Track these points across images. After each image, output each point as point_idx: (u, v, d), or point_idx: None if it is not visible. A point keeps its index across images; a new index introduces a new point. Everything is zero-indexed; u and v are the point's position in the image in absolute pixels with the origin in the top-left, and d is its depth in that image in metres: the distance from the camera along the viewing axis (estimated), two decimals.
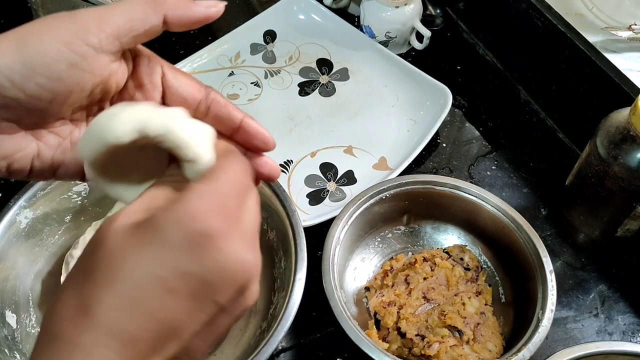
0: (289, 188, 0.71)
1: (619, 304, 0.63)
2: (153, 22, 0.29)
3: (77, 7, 0.32)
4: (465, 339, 0.56)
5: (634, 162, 0.55)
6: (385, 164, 0.73)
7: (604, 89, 0.67)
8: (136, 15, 0.29)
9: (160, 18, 0.30)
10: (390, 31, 0.83)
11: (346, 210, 0.60)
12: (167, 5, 0.30)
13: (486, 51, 0.87)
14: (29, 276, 0.57)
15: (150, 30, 0.30)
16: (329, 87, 0.82)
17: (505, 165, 0.75)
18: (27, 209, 0.56)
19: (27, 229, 0.56)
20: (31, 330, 0.55)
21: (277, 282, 0.56)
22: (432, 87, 0.78)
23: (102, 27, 0.28)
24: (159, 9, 0.29)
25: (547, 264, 0.56)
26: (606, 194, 0.59)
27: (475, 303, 0.58)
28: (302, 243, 0.54)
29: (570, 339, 0.61)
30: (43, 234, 0.58)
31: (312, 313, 0.59)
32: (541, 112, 0.80)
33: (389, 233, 0.66)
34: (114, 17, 0.29)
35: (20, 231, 0.56)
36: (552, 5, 0.73)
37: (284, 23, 0.88)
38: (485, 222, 0.62)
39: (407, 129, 0.77)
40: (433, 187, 0.63)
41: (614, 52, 0.71)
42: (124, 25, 0.29)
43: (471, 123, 0.80)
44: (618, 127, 0.56)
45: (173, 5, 0.30)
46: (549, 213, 0.70)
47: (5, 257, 0.54)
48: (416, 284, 0.59)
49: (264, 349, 0.48)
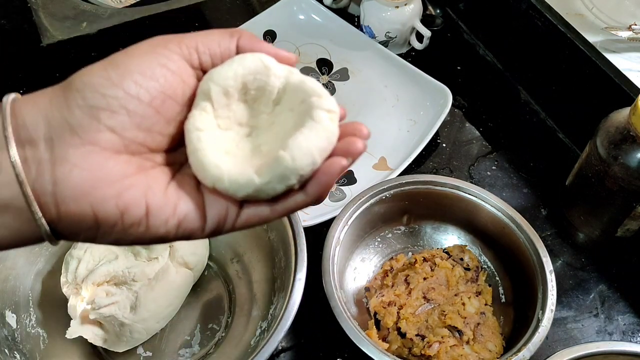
0: None
1: (619, 304, 0.63)
2: (228, 45, 0.32)
3: (77, 8, 0.32)
4: (465, 339, 0.56)
5: (634, 162, 0.55)
6: (385, 164, 0.73)
7: (604, 89, 0.67)
8: (213, 37, 0.32)
9: (234, 43, 0.32)
10: (390, 31, 0.83)
11: (346, 210, 0.60)
12: (242, 35, 0.32)
13: (486, 51, 0.87)
14: (29, 276, 0.57)
15: (224, 53, 0.32)
16: (329, 87, 0.82)
17: (505, 165, 0.75)
18: None
19: None
20: (31, 330, 0.55)
21: (277, 282, 0.56)
22: (432, 87, 0.78)
23: (181, 41, 0.31)
24: (235, 36, 0.32)
25: (547, 264, 0.56)
26: (606, 194, 0.59)
27: (475, 303, 0.58)
28: (302, 243, 0.54)
29: (571, 339, 0.61)
30: None
31: (312, 313, 0.59)
32: (541, 112, 0.80)
33: (389, 233, 0.66)
34: (192, 36, 0.31)
35: None
36: (552, 5, 0.73)
37: (284, 23, 0.88)
38: (486, 222, 0.62)
39: (407, 129, 0.77)
40: (433, 187, 0.63)
41: (614, 52, 0.71)
42: (201, 42, 0.31)
43: (471, 123, 0.80)
44: (618, 127, 0.56)
45: (247, 36, 0.32)
46: (549, 213, 0.70)
47: (5, 257, 0.55)
48: (416, 284, 0.59)
49: (264, 349, 0.48)
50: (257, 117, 0.33)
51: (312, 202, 0.31)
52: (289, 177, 0.29)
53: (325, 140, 0.30)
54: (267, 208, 0.31)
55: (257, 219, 0.31)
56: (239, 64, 0.31)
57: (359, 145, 0.30)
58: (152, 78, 0.29)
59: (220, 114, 0.32)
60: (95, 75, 0.29)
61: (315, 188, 0.30)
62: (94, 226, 0.28)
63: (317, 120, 0.30)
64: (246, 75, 0.31)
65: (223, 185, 0.30)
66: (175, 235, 0.30)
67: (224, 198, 0.30)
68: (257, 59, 0.31)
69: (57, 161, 0.27)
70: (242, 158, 0.31)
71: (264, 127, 0.33)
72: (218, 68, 0.31)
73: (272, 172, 0.29)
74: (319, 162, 0.30)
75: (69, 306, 0.56)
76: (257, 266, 0.61)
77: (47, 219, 0.28)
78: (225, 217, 0.31)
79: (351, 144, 0.30)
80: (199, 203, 0.30)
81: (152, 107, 0.29)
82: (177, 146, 0.32)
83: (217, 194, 0.30)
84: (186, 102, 0.31)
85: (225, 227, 0.31)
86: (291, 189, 0.30)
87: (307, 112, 0.31)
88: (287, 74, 0.32)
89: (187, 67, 0.31)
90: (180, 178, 0.31)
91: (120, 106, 0.28)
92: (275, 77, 0.32)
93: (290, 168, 0.29)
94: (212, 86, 0.31)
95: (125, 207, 0.28)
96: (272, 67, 0.32)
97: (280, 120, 0.32)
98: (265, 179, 0.29)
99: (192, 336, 0.59)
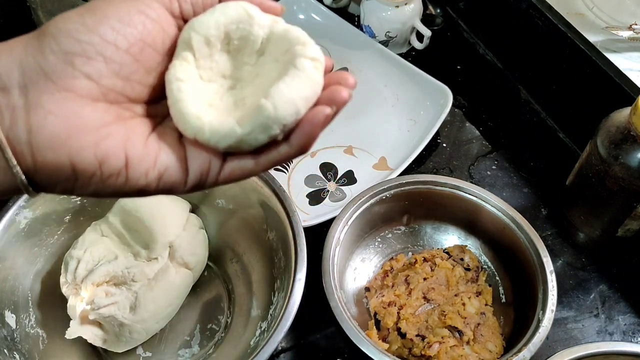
0: (289, 188, 0.71)
1: (620, 304, 0.63)
2: None
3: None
4: (465, 339, 0.56)
5: (634, 162, 0.55)
6: (385, 164, 0.73)
7: (605, 88, 0.67)
8: None
9: None
10: (390, 31, 0.83)
11: (346, 210, 0.60)
12: None
13: (486, 51, 0.87)
14: (28, 276, 0.57)
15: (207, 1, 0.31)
16: None
17: (506, 165, 0.75)
18: (26, 209, 0.56)
19: (26, 229, 0.56)
20: (30, 330, 0.55)
21: (277, 282, 0.56)
22: (433, 87, 0.78)
23: None
24: None
25: (548, 264, 0.56)
26: (607, 194, 0.59)
27: (476, 303, 0.58)
28: (302, 243, 0.53)
29: (571, 339, 0.61)
30: (42, 234, 0.58)
31: (312, 313, 0.59)
32: (541, 112, 0.80)
33: (389, 233, 0.66)
34: None
35: (19, 231, 0.56)
36: (553, 4, 0.73)
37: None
38: (486, 222, 0.62)
39: (407, 129, 0.76)
40: (433, 187, 0.62)
41: (614, 51, 0.71)
42: None
43: (471, 123, 0.79)
44: (618, 127, 0.56)
45: None
46: (549, 213, 0.70)
47: (4, 257, 0.54)
48: (416, 284, 0.59)
49: (264, 349, 0.48)
50: (241, 69, 0.32)
51: (296, 153, 0.30)
52: (272, 127, 0.29)
53: (309, 89, 0.29)
54: (251, 160, 0.30)
55: (241, 172, 0.31)
56: (221, 12, 0.31)
57: (344, 94, 0.30)
58: (130, 24, 0.28)
59: (202, 64, 0.31)
60: (71, 21, 0.28)
61: (300, 138, 0.30)
62: (72, 176, 0.28)
63: (300, 68, 0.29)
64: (228, 24, 0.31)
65: (204, 136, 0.29)
66: (157, 187, 0.30)
67: (207, 150, 0.30)
68: (240, 7, 0.31)
69: (31, 108, 0.27)
70: (225, 110, 0.31)
71: (248, 79, 0.32)
72: (200, 17, 0.30)
73: (254, 121, 0.29)
74: (303, 111, 0.29)
75: (69, 306, 0.55)
76: (256, 266, 0.60)
77: (23, 169, 0.27)
78: (208, 170, 0.30)
79: (336, 92, 0.30)
80: (181, 155, 0.30)
81: (130, 54, 0.28)
82: (160, 98, 0.31)
83: (199, 146, 0.30)
84: (167, 52, 0.30)
85: (209, 181, 0.31)
86: (274, 139, 0.30)
87: (290, 61, 0.30)
88: (272, 23, 0.32)
89: (168, 15, 0.30)
90: (162, 130, 0.30)
91: (96, 52, 0.28)
92: (259, 27, 0.31)
93: (273, 117, 0.28)
94: (194, 35, 0.30)
95: (103, 157, 0.28)
96: (255, 16, 0.31)
97: (264, 72, 0.32)
98: (247, 129, 0.29)
99: (191, 336, 0.59)
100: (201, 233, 0.62)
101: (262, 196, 0.58)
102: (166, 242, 0.57)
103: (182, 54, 0.30)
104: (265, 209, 0.58)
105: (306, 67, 0.30)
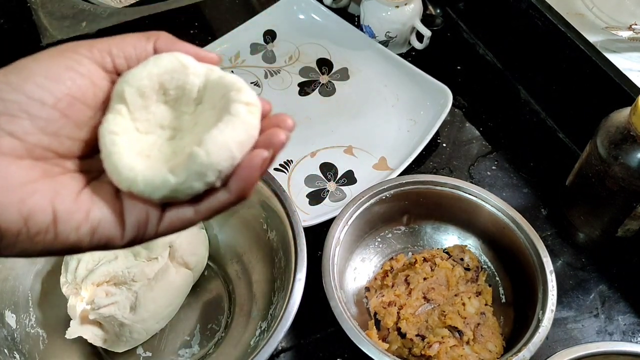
0: (289, 188, 0.71)
1: (620, 304, 0.63)
2: (144, 47, 0.31)
3: (76, 7, 0.33)
4: (465, 339, 0.56)
5: (634, 162, 0.55)
6: (385, 164, 0.73)
7: (604, 89, 0.67)
8: (129, 40, 0.31)
9: (151, 44, 0.31)
10: (390, 31, 0.83)
11: (346, 210, 0.60)
12: (160, 36, 0.32)
13: (486, 51, 0.87)
14: (28, 276, 0.57)
15: (141, 55, 0.31)
16: (329, 87, 0.82)
17: (506, 165, 0.75)
18: None
19: None
20: (31, 330, 0.55)
21: (277, 282, 0.56)
22: (432, 87, 0.78)
23: (92, 45, 0.30)
24: (152, 38, 0.32)
25: (548, 264, 0.56)
26: (606, 194, 0.59)
27: (476, 303, 0.58)
28: (302, 243, 0.53)
29: (571, 339, 0.61)
30: None
31: (312, 313, 0.59)
32: (541, 112, 0.80)
33: (389, 233, 0.66)
34: (105, 40, 0.30)
35: None
36: (553, 5, 0.73)
37: (284, 23, 0.88)
38: (486, 222, 0.62)
39: (407, 129, 0.76)
40: (433, 187, 0.62)
41: (614, 52, 0.71)
42: (115, 45, 0.30)
43: (471, 123, 0.79)
44: (618, 127, 0.56)
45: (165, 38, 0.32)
46: (549, 213, 0.70)
47: (5, 257, 0.54)
48: (416, 284, 0.59)
49: (264, 349, 0.48)
50: (180, 119, 0.32)
51: (236, 200, 0.30)
52: (206, 174, 0.28)
53: (243, 133, 0.29)
54: (191, 209, 0.30)
55: (180, 223, 0.30)
56: (154, 64, 0.30)
57: (281, 137, 0.30)
58: (57, 80, 0.28)
59: (138, 116, 0.31)
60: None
61: (238, 183, 0.29)
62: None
63: (233, 113, 0.29)
64: (162, 74, 0.31)
65: (138, 188, 0.29)
66: (90, 243, 0.29)
67: (143, 202, 0.29)
68: (173, 58, 0.31)
69: None
70: (163, 160, 0.30)
71: (187, 128, 0.32)
72: (133, 69, 0.30)
73: (187, 169, 0.28)
74: (239, 156, 0.29)
75: (69, 306, 0.55)
76: (257, 266, 0.60)
77: None
78: (146, 222, 0.30)
79: (273, 135, 0.30)
80: (116, 209, 0.29)
81: (57, 109, 0.28)
82: (94, 152, 0.30)
83: (135, 199, 0.29)
84: (99, 106, 0.30)
85: (147, 233, 0.30)
86: (213, 187, 0.29)
87: (225, 107, 0.30)
88: (207, 71, 0.32)
89: (99, 70, 0.30)
90: (98, 185, 0.30)
91: (20, 110, 0.27)
92: (194, 76, 0.31)
93: (206, 164, 0.28)
94: (126, 87, 0.30)
95: (29, 214, 0.27)
96: (190, 65, 0.31)
97: (202, 120, 0.31)
98: (181, 178, 0.28)
99: (191, 336, 0.59)
100: (201, 233, 0.62)
101: (262, 196, 0.58)
102: (166, 242, 0.58)
103: (115, 107, 0.30)
104: (265, 209, 0.58)
105: (240, 112, 0.29)
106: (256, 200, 0.59)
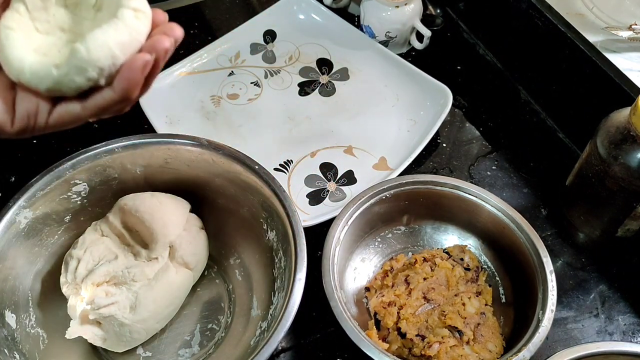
0: (289, 188, 0.71)
1: (620, 304, 0.63)
2: None
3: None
4: (465, 339, 0.56)
5: (634, 162, 0.55)
6: (385, 164, 0.73)
7: (604, 89, 0.67)
8: None
9: None
10: (390, 31, 0.83)
11: (346, 210, 0.60)
12: None
13: (486, 51, 0.87)
14: (28, 276, 0.57)
15: None
16: (329, 87, 0.82)
17: (506, 165, 0.75)
18: (26, 209, 0.56)
19: (26, 229, 0.56)
20: (31, 330, 0.55)
21: (277, 282, 0.56)
22: (432, 87, 0.78)
23: None
24: None
25: (548, 264, 0.56)
26: (606, 194, 0.59)
27: (476, 303, 0.58)
28: (302, 243, 0.53)
29: (571, 339, 0.61)
30: (42, 234, 0.58)
31: (312, 313, 0.59)
32: (541, 112, 0.80)
33: (389, 233, 0.66)
34: None
35: (19, 231, 0.56)
36: (553, 5, 0.73)
37: (284, 23, 0.88)
38: (486, 222, 0.62)
39: (407, 129, 0.76)
40: (433, 187, 0.62)
41: (614, 52, 0.71)
42: None
43: (471, 123, 0.79)
44: (618, 127, 0.56)
45: None
46: (549, 213, 0.70)
47: (4, 257, 0.54)
48: (416, 284, 0.59)
49: (264, 349, 0.48)
50: (81, 24, 0.34)
51: (119, 99, 0.32)
52: (86, 69, 0.31)
53: (126, 36, 0.31)
54: (78, 105, 0.32)
55: (69, 117, 0.32)
56: None
57: (165, 43, 0.32)
58: None
59: (37, 16, 0.33)
60: None
61: (121, 82, 0.31)
62: None
63: (119, 17, 0.32)
64: None
65: (25, 77, 0.31)
66: None
67: (35, 95, 0.32)
68: None
69: None
70: (59, 59, 0.32)
71: (86, 33, 0.34)
72: None
73: (68, 63, 0.30)
74: (122, 57, 0.31)
75: (69, 306, 0.55)
76: (256, 266, 0.60)
77: None
78: (36, 112, 0.32)
79: (157, 41, 0.32)
80: (8, 98, 0.31)
81: None
82: None
83: (27, 90, 0.32)
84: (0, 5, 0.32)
85: (38, 123, 0.32)
86: (98, 85, 0.32)
87: (114, 12, 0.32)
88: None
89: None
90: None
91: None
92: None
93: (86, 59, 0.30)
94: None
95: None
96: None
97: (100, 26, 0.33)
98: (63, 71, 0.31)
99: (191, 336, 0.59)
100: (201, 233, 0.62)
101: (262, 196, 0.58)
102: (166, 242, 0.57)
103: (14, 6, 0.32)
104: (265, 209, 0.58)
105: (126, 16, 0.32)
106: (256, 200, 0.59)
